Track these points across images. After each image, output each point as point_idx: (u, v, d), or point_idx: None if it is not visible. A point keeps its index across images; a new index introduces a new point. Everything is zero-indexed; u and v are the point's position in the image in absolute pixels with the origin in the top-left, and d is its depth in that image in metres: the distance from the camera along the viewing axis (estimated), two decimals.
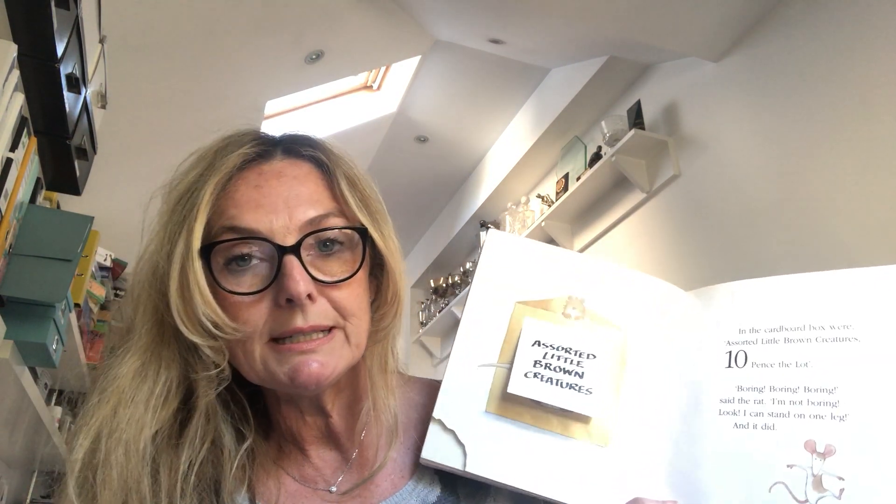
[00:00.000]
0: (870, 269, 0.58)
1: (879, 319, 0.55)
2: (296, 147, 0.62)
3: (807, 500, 0.51)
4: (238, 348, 0.56)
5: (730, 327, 0.60)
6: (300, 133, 0.64)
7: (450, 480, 0.61)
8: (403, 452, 0.63)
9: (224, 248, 0.55)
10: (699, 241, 2.43)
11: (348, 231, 0.58)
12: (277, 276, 0.54)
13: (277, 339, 0.55)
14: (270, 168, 0.59)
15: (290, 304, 0.54)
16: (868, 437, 0.51)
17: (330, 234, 0.57)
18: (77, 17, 1.40)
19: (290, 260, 0.54)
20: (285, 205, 0.57)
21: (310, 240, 0.56)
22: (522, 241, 0.67)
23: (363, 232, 0.59)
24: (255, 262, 0.56)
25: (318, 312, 0.55)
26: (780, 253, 2.06)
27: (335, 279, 0.56)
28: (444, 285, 4.27)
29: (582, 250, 3.10)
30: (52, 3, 1.25)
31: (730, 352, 0.59)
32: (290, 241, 0.55)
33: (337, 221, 0.58)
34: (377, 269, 0.63)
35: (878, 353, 0.54)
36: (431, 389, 0.67)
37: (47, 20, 1.25)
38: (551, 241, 3.17)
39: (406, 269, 0.67)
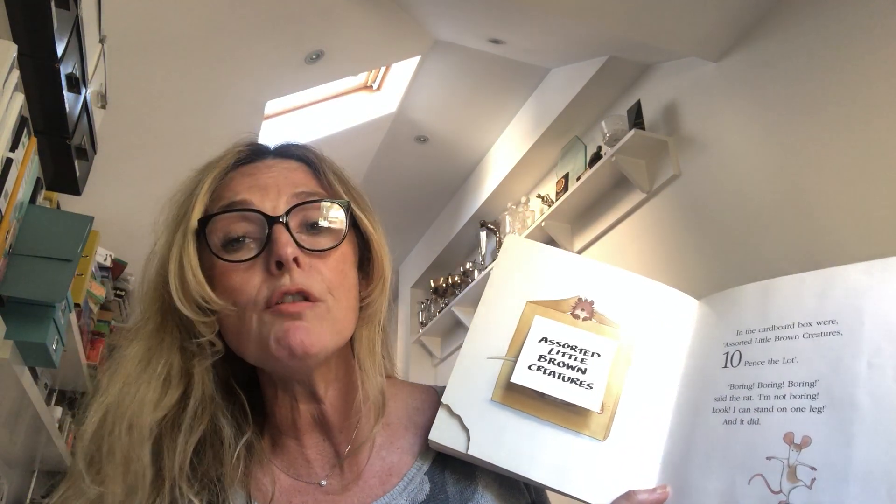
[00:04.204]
0: (855, 265, 0.59)
1: (860, 312, 0.56)
2: (285, 148, 0.68)
3: (781, 491, 0.52)
4: (235, 323, 0.59)
5: (728, 330, 0.62)
6: (290, 141, 0.70)
7: (440, 480, 0.64)
8: (395, 453, 0.66)
9: (220, 226, 0.60)
10: (699, 241, 2.43)
11: (334, 207, 0.63)
12: (267, 244, 0.59)
13: (269, 307, 0.59)
14: (263, 163, 0.66)
15: (280, 269, 0.58)
16: (840, 428, 0.52)
17: (317, 211, 0.62)
18: (77, 17, 1.40)
19: (279, 228, 0.59)
20: (276, 186, 0.62)
21: (298, 217, 0.61)
22: (537, 246, 0.72)
23: (346, 205, 0.63)
24: (248, 241, 0.60)
25: (305, 278, 0.59)
26: (780, 253, 2.06)
27: (321, 248, 0.61)
28: (444, 285, 4.26)
29: (582, 250, 3.09)
30: (52, 3, 1.25)
31: (727, 353, 0.61)
32: (279, 213, 0.60)
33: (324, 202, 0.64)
34: (364, 252, 0.67)
35: (857, 345, 0.54)
36: (427, 394, 0.71)
37: (47, 20, 1.25)
38: (551, 241, 3.17)
39: (406, 269, 0.70)
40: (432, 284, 4.37)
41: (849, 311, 0.56)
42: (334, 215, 0.63)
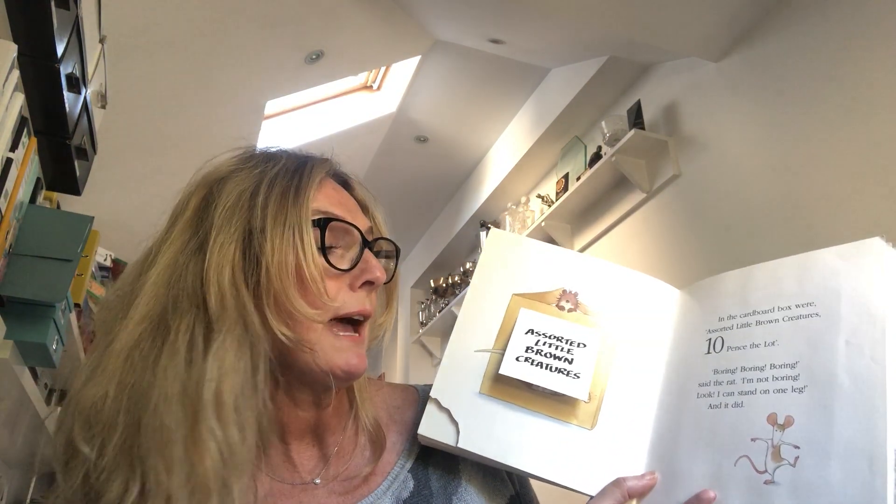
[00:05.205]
0: (830, 248, 0.60)
1: (837, 294, 0.57)
2: (353, 182, 0.71)
3: (766, 471, 0.53)
4: (302, 329, 0.58)
5: (711, 316, 0.64)
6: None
7: (423, 476, 0.65)
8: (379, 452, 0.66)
9: (329, 229, 0.61)
10: (699, 241, 2.43)
11: (393, 246, 0.67)
12: (359, 262, 0.61)
13: (337, 322, 0.60)
14: (341, 186, 0.68)
15: (365, 287, 0.61)
16: (821, 406, 0.53)
17: (387, 247, 0.67)
18: (77, 17, 1.40)
19: (369, 252, 0.62)
20: (357, 209, 0.66)
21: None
22: (521, 239, 0.72)
23: (398, 251, 0.68)
24: (339, 251, 0.62)
25: (374, 303, 0.63)
26: (780, 253, 2.05)
27: (388, 280, 0.65)
28: (444, 285, 4.27)
29: (582, 250, 3.10)
30: (52, 3, 1.25)
31: (709, 339, 0.62)
32: (370, 237, 0.64)
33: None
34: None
35: (835, 326, 0.56)
36: (406, 393, 0.73)
37: (47, 20, 1.25)
38: (551, 241, 3.17)
39: (406, 269, 0.71)
40: (432, 284, 4.37)
41: (826, 293, 0.58)
42: (392, 255, 0.68)
